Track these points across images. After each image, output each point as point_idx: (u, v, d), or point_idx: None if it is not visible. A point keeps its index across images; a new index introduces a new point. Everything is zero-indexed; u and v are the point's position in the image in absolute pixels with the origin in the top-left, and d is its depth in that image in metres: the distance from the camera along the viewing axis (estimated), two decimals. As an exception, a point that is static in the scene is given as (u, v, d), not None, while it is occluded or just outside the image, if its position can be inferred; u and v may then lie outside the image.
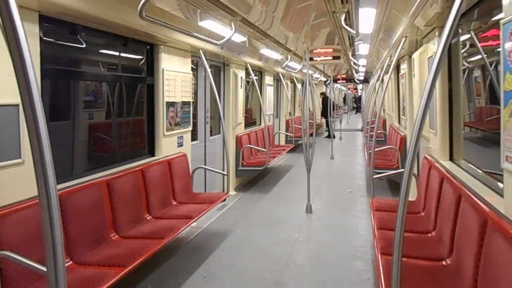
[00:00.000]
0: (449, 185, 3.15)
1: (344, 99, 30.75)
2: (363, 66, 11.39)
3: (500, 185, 2.62)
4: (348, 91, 32.26)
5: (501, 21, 2.01)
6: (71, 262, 2.96)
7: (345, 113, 26.70)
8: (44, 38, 3.01)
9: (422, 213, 3.88)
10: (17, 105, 2.61)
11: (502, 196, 2.33)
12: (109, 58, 4.20)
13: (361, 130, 17.93)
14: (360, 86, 31.47)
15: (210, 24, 4.22)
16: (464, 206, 2.66)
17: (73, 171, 3.56)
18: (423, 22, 3.77)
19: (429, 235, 3.35)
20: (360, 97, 33.09)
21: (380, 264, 2.83)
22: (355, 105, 34.92)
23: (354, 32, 3.75)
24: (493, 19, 3.05)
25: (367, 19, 3.79)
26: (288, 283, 3.66)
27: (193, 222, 3.95)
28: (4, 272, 2.43)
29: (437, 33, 3.77)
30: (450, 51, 3.73)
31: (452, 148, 3.83)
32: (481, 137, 3.84)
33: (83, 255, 3.05)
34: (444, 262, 2.81)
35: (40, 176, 0.99)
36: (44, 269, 2.25)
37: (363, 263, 4.08)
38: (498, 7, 2.67)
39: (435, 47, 3.85)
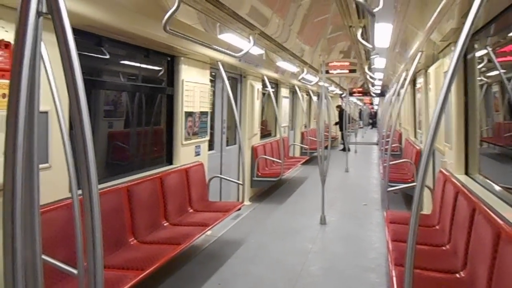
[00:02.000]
0: (463, 198, 3.16)
1: (360, 114, 30.67)
2: (379, 79, 11.43)
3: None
4: (364, 106, 32.19)
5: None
6: (91, 264, 3.05)
7: (360, 128, 26.61)
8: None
9: (437, 227, 3.88)
10: (47, 112, 2.75)
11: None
12: (131, 68, 4.36)
13: (377, 144, 17.85)
14: (376, 101, 31.40)
15: (229, 37, 4.35)
16: (478, 219, 2.68)
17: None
18: (439, 37, 3.83)
19: (444, 248, 3.36)
20: (376, 113, 32.98)
21: (394, 275, 2.86)
22: (371, 121, 34.81)
23: (371, 46, 3.82)
24: (511, 34, 3.09)
25: (383, 33, 3.86)
26: (302, 292, 3.70)
27: (208, 229, 4.03)
28: (29, 271, 2.53)
29: (452, 48, 3.81)
30: (466, 66, 3.77)
31: (467, 162, 3.83)
32: (499, 153, 3.84)
33: (103, 258, 3.14)
34: (458, 275, 2.82)
35: (84, 179, 1.08)
36: (75, 271, 2.37)
37: (377, 275, 4.08)
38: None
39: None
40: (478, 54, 3.76)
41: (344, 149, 14.15)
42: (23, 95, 0.93)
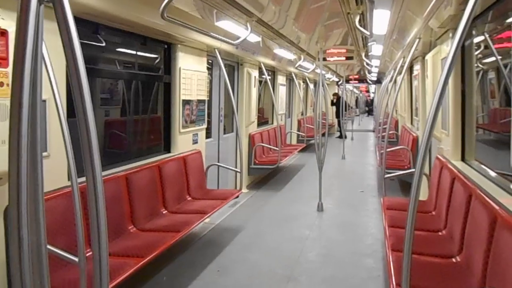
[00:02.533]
0: (460, 184, 3.20)
1: (356, 101, 30.65)
2: (376, 66, 11.40)
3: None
4: (360, 94, 32.14)
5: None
6: (91, 252, 3.08)
7: (357, 115, 26.63)
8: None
9: (433, 212, 3.93)
10: (45, 101, 2.74)
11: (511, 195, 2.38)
12: (128, 56, 4.32)
13: (373, 131, 17.90)
14: (372, 89, 31.35)
15: (226, 24, 4.32)
16: (474, 205, 2.71)
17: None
18: (437, 24, 3.82)
19: (440, 233, 3.40)
20: (372, 100, 32.97)
21: (391, 260, 2.90)
22: (367, 108, 34.81)
23: (368, 33, 3.80)
24: (508, 21, 3.09)
25: (381, 20, 3.84)
26: (300, 278, 3.74)
27: (207, 217, 4.06)
28: (30, 259, 2.55)
29: (450, 35, 3.81)
30: (463, 53, 3.77)
31: (464, 149, 3.86)
32: (494, 139, 3.87)
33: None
34: (454, 259, 2.87)
35: (88, 166, 1.08)
36: (76, 259, 2.39)
37: (374, 260, 4.14)
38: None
39: (448, 49, 3.89)
40: (475, 40, 3.77)
41: (340, 136, 14.19)
42: (26, 84, 0.93)
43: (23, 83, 0.93)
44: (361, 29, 3.83)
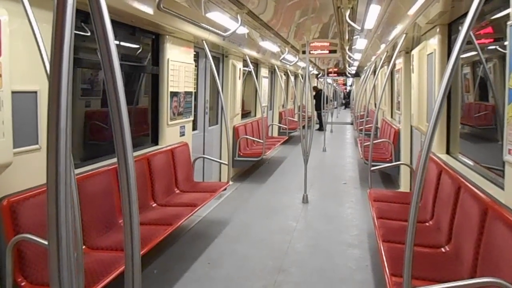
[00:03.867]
0: (447, 177, 3.30)
1: (334, 94, 30.94)
2: (356, 60, 11.54)
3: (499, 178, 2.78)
4: (337, 87, 32.42)
5: (508, 23, 2.13)
6: (84, 246, 3.03)
7: (335, 108, 26.94)
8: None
9: (419, 204, 4.03)
10: (36, 92, 2.66)
11: (501, 188, 2.47)
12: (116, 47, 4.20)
13: (351, 124, 18.15)
14: (349, 82, 31.69)
15: (216, 16, 4.28)
16: (464, 196, 2.81)
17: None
18: (425, 20, 3.90)
19: (427, 224, 3.51)
20: (349, 93, 33.34)
21: (383, 251, 2.98)
22: (343, 101, 35.19)
23: (359, 28, 3.85)
24: (494, 17, 3.18)
25: (370, 15, 3.89)
26: (290, 269, 3.79)
27: (197, 209, 4.05)
28: (23, 255, 2.49)
29: (438, 30, 3.89)
30: (450, 48, 3.87)
31: (449, 142, 3.98)
32: (468, 132, 3.99)
33: (95, 240, 3.13)
34: (443, 249, 2.97)
35: (119, 147, 1.07)
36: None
37: (360, 251, 4.24)
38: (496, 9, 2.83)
39: (435, 44, 3.98)
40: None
41: (320, 129, 14.35)
42: (65, 82, 0.90)
43: (61, 84, 0.90)
44: (352, 23, 3.87)
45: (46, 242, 2.37)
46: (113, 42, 1.01)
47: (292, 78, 13.28)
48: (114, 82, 1.01)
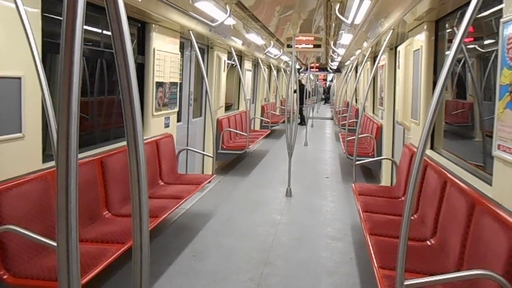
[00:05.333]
0: (433, 172, 3.36)
1: (314, 89, 31.09)
2: (340, 55, 11.62)
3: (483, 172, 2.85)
4: (317, 82, 32.59)
5: (502, 20, 2.17)
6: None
7: (315, 103, 27.12)
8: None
9: (402, 198, 4.11)
10: (19, 78, 2.55)
11: (488, 183, 2.53)
12: (95, 35, 4.06)
13: (331, 119, 18.31)
14: (329, 77, 31.90)
15: (204, 5, 4.21)
16: (450, 191, 2.86)
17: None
18: (412, 17, 3.93)
19: (412, 218, 3.55)
20: (329, 88, 33.57)
21: (370, 244, 3.01)
22: (323, 96, 35.41)
23: (349, 22, 3.85)
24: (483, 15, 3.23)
25: (361, 10, 3.91)
26: (276, 262, 3.80)
27: (183, 202, 4.00)
28: (6, 247, 2.40)
29: (425, 27, 3.94)
30: (436, 44, 3.93)
31: (433, 138, 4.05)
32: (446, 130, 4.07)
33: (79, 232, 3.04)
34: (428, 242, 3.03)
35: (130, 133, 1.04)
36: (54, 243, 2.27)
37: (345, 244, 4.28)
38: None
39: (422, 41, 4.03)
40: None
41: (301, 123, 14.42)
42: (76, 71, 0.86)
43: (73, 72, 0.85)
44: (341, 17, 3.88)
45: (31, 234, 2.31)
46: (129, 39, 0.98)
47: (274, 72, 13.28)
48: (128, 76, 0.98)
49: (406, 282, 1.83)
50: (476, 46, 3.56)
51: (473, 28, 3.46)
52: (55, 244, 2.33)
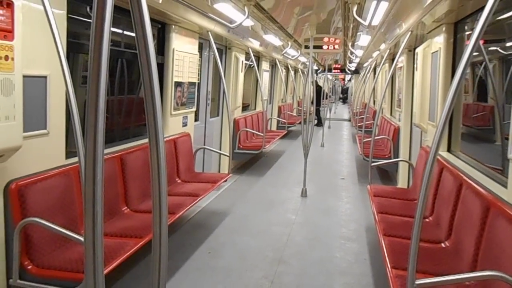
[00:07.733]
0: (449, 174, 3.35)
1: (332, 89, 30.91)
2: (358, 57, 11.56)
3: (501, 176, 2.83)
4: (336, 81, 32.40)
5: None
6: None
7: (332, 103, 26.98)
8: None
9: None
10: (45, 77, 2.66)
11: (503, 185, 2.52)
12: (117, 36, 4.17)
13: (349, 120, 18.21)
14: (348, 78, 31.70)
15: (223, 7, 4.28)
16: (466, 193, 2.86)
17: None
18: (431, 19, 3.92)
19: (427, 220, 3.56)
20: (347, 88, 33.35)
21: (384, 245, 3.03)
22: (341, 96, 35.16)
23: (366, 24, 3.86)
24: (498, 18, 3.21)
25: (378, 11, 3.91)
26: (290, 260, 3.84)
27: (199, 199, 4.08)
28: (30, 238, 2.51)
29: (444, 29, 3.92)
30: (455, 46, 3.90)
31: (450, 140, 4.03)
32: (466, 133, 4.04)
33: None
34: (443, 244, 3.02)
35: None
36: (76, 236, 2.37)
37: (359, 245, 4.29)
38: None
39: (440, 43, 4.01)
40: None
41: (318, 124, 14.40)
42: (104, 65, 0.92)
43: (101, 66, 0.92)
44: (359, 18, 3.89)
45: (54, 226, 2.41)
46: (151, 41, 1.05)
47: (292, 72, 13.30)
48: (150, 76, 1.04)
49: (418, 282, 1.86)
50: (498, 48, 3.53)
51: (494, 29, 3.43)
52: (77, 236, 2.44)
